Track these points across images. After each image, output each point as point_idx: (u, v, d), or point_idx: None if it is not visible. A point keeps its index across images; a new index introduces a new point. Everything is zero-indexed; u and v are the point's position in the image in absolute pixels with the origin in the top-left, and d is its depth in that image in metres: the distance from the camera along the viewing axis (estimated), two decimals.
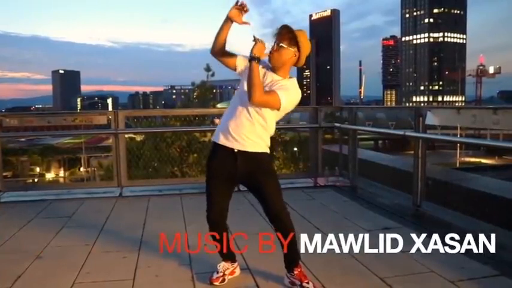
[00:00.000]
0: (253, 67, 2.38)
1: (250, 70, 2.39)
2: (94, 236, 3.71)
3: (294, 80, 2.57)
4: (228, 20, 2.44)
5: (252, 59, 2.39)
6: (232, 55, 2.55)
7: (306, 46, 2.49)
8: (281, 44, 2.45)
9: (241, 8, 2.41)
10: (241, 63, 2.53)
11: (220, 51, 2.52)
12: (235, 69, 2.57)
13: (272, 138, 2.63)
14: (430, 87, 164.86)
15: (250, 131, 2.49)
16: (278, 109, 2.46)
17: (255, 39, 2.42)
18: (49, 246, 3.49)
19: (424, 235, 3.58)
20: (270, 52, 2.48)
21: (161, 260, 3.15)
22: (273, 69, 2.53)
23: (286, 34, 2.46)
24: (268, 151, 2.59)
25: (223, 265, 2.78)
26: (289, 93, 2.47)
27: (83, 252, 3.32)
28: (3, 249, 3.47)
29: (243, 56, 2.54)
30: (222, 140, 2.54)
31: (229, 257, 2.81)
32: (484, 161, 41.18)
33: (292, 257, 2.67)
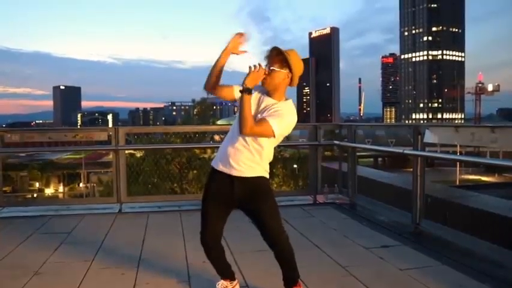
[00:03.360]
0: (244, 99, 2.33)
1: (241, 102, 2.35)
2: (93, 252, 3.71)
3: (290, 103, 2.51)
4: (227, 53, 2.42)
5: (243, 91, 2.34)
6: (228, 87, 2.50)
7: (298, 66, 2.45)
8: (272, 68, 2.41)
9: (242, 41, 2.42)
10: (239, 93, 2.47)
11: (216, 86, 2.48)
12: (234, 100, 2.52)
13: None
14: (430, 104, 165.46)
15: (248, 158, 2.47)
16: (273, 137, 2.40)
17: (250, 69, 2.36)
18: (48, 262, 3.48)
19: (422, 253, 3.60)
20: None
21: (160, 277, 3.14)
22: (268, 93, 2.49)
23: (276, 56, 2.42)
24: (266, 175, 2.56)
25: (222, 283, 2.78)
26: (282, 119, 2.39)
27: (81, 269, 3.31)
28: (1, 265, 3.46)
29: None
30: (221, 167, 2.54)
31: (228, 275, 2.80)
32: (483, 178, 41.09)
33: (291, 277, 2.67)
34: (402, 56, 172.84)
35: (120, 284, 3.04)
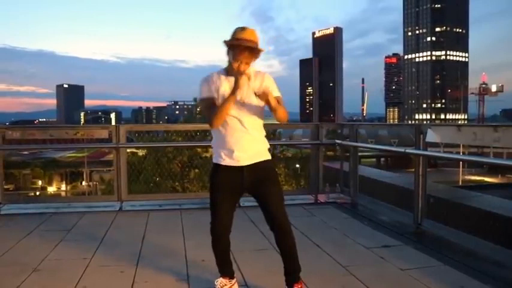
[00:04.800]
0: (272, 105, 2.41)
1: (272, 109, 2.44)
2: (92, 250, 3.70)
3: (254, 68, 2.54)
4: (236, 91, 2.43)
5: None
6: (214, 100, 2.53)
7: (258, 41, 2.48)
8: (251, 64, 2.49)
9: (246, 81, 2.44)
10: (213, 92, 2.53)
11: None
12: None
13: (273, 155, 2.65)
14: (433, 105, 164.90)
15: (250, 141, 2.53)
16: None
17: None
18: (47, 259, 3.47)
19: (424, 253, 3.57)
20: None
21: (159, 275, 3.13)
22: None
23: (256, 54, 2.47)
24: (270, 156, 2.63)
25: (220, 281, 2.76)
26: (273, 83, 2.56)
27: (80, 266, 3.30)
28: (1, 261, 3.45)
29: (208, 87, 2.54)
30: (227, 161, 2.55)
31: (227, 272, 2.78)
32: (487, 179, 40.96)
33: (292, 269, 2.64)
34: (406, 56, 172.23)
35: (118, 282, 3.02)
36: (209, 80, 2.55)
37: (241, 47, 2.42)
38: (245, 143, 2.52)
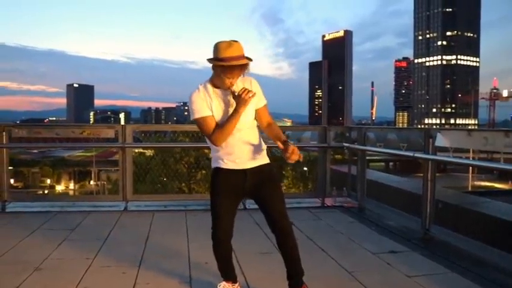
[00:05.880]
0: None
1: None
2: (95, 250, 3.67)
3: (242, 78, 2.47)
4: (243, 111, 2.40)
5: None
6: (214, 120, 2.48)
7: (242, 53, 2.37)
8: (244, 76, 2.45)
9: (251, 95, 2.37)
10: (211, 112, 2.47)
11: None
12: None
13: (280, 158, 2.63)
14: (443, 109, 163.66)
15: (251, 146, 2.51)
16: None
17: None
18: (49, 258, 3.45)
19: (431, 260, 3.50)
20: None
21: (161, 277, 3.09)
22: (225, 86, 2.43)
23: (241, 71, 2.39)
24: (269, 160, 2.62)
25: (223, 285, 2.72)
26: (260, 90, 2.54)
27: (82, 266, 3.27)
28: (3, 260, 3.44)
29: (202, 104, 2.46)
30: (229, 165, 2.52)
31: (230, 276, 2.74)
32: (497, 185, 40.53)
33: (294, 272, 2.61)
34: (416, 60, 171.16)
35: (120, 283, 2.99)
36: (201, 96, 2.46)
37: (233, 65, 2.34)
38: (246, 149, 2.51)
